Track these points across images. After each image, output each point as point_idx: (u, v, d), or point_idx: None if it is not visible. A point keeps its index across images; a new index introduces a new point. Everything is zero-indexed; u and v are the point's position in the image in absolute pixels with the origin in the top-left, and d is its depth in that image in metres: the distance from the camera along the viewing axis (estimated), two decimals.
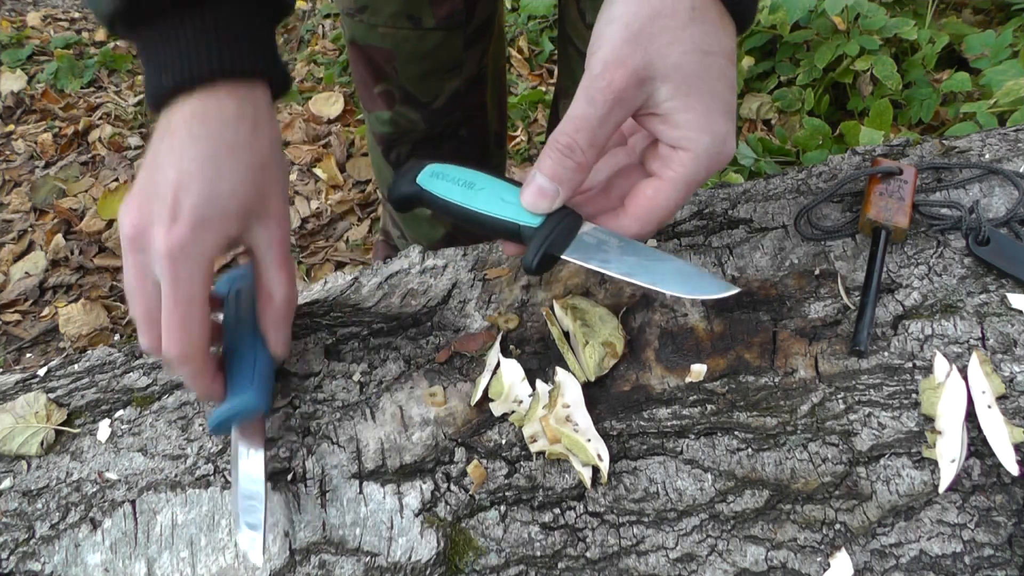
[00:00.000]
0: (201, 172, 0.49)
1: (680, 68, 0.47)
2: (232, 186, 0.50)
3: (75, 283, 1.92)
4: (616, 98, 0.47)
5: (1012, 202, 0.63)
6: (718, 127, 0.47)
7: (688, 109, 0.47)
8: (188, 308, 0.49)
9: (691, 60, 0.47)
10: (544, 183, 0.50)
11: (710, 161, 0.48)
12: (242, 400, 0.53)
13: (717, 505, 0.51)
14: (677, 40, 0.47)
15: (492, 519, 0.52)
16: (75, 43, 2.93)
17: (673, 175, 0.48)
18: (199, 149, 0.49)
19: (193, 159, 0.49)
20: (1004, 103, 1.38)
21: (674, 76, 0.47)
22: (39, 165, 2.33)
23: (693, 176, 0.48)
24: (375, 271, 0.71)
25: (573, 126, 0.48)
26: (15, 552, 0.55)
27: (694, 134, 0.47)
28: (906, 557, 0.49)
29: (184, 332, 0.49)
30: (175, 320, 0.49)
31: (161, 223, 0.48)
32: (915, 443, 0.51)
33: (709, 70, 0.47)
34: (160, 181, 0.49)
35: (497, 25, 1.07)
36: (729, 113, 0.48)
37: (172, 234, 0.48)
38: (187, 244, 0.48)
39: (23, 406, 0.60)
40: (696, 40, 0.47)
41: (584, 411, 0.55)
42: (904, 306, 0.58)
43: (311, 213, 2.04)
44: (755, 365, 0.56)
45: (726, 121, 0.48)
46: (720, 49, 0.48)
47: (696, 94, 0.47)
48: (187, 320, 0.49)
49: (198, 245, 0.48)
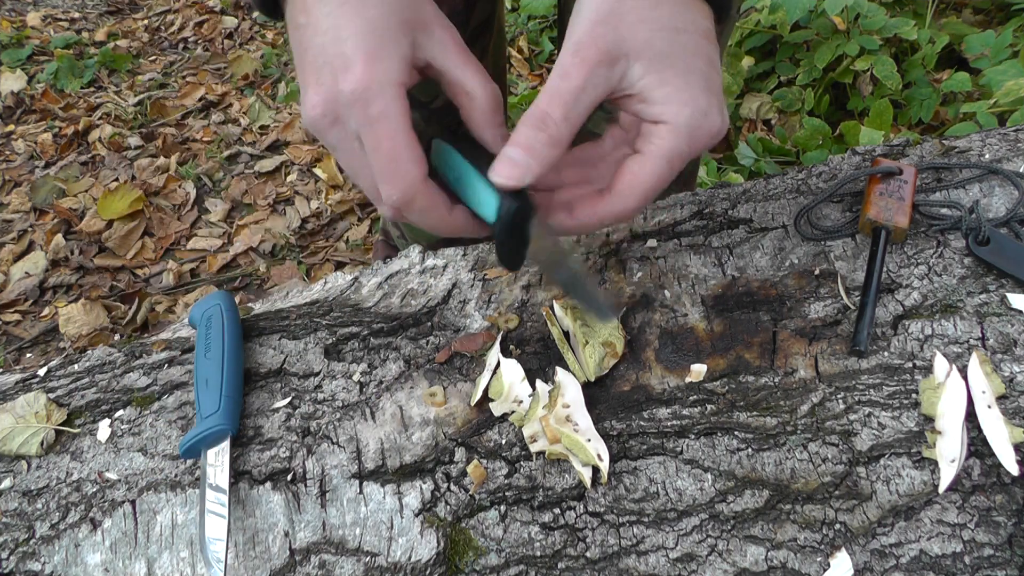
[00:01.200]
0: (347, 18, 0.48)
1: (651, 45, 0.47)
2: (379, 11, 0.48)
3: (75, 283, 1.92)
4: (589, 72, 0.47)
5: (1012, 202, 0.63)
6: (697, 99, 0.47)
7: (663, 84, 0.47)
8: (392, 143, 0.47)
9: (662, 37, 0.47)
10: (516, 154, 0.48)
11: (692, 133, 0.47)
12: (209, 422, 0.55)
13: (717, 505, 0.51)
14: (646, 19, 0.47)
15: (492, 519, 0.52)
16: (75, 43, 2.93)
17: (654, 148, 0.48)
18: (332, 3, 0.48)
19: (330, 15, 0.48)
20: (1004, 103, 1.38)
21: (646, 53, 0.47)
22: (39, 165, 2.33)
23: (675, 149, 0.47)
24: (375, 271, 0.71)
25: (546, 99, 0.48)
26: (15, 552, 0.55)
27: (672, 107, 0.47)
28: (906, 557, 0.49)
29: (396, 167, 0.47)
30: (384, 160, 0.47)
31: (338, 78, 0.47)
32: (915, 443, 0.51)
33: (684, 46, 0.48)
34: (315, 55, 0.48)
35: (497, 24, 1.07)
36: (710, 87, 0.48)
37: (349, 79, 0.46)
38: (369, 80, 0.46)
39: (23, 406, 0.60)
40: (665, 19, 0.48)
41: (584, 411, 0.55)
42: (904, 306, 0.58)
43: (311, 213, 2.04)
44: (755, 365, 0.56)
45: (706, 94, 0.47)
46: (694, 28, 0.48)
47: (671, 69, 0.47)
48: (394, 155, 0.47)
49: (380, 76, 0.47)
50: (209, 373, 0.58)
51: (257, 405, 0.60)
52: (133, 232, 2.04)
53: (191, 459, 0.56)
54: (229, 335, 0.61)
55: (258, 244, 1.96)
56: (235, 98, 2.57)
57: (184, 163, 2.27)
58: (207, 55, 2.86)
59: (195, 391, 0.58)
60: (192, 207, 2.13)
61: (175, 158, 2.28)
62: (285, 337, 0.64)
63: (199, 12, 3.10)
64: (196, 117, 2.51)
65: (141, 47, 2.96)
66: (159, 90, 2.68)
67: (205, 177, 2.22)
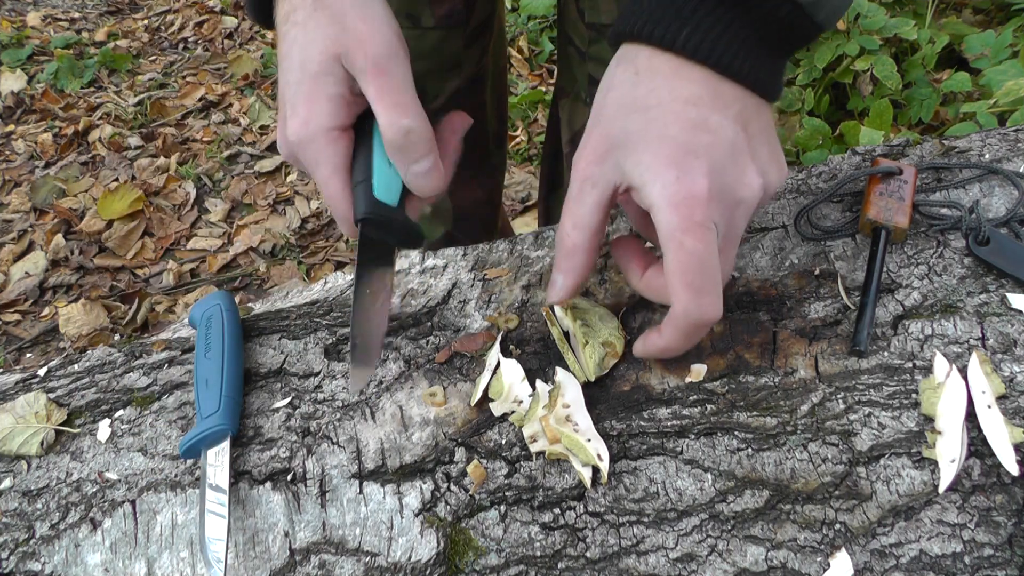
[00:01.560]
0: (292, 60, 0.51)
1: (627, 131, 0.47)
2: (312, 50, 0.50)
3: (75, 283, 1.93)
4: (583, 177, 0.48)
5: (1012, 202, 0.63)
6: (667, 170, 0.45)
7: (638, 165, 0.46)
8: (326, 189, 0.51)
9: (635, 120, 0.47)
10: (554, 275, 0.51)
11: (675, 204, 0.44)
12: (209, 422, 0.55)
13: (717, 505, 0.51)
14: (622, 107, 0.48)
15: (492, 519, 0.52)
16: (75, 43, 2.93)
17: (660, 236, 0.46)
18: (288, 42, 0.52)
19: (286, 56, 0.51)
20: (1004, 103, 1.38)
21: (625, 141, 0.47)
22: (39, 165, 2.33)
23: (671, 225, 0.45)
24: None
25: (562, 214, 0.50)
26: (15, 552, 0.55)
27: (648, 187, 0.45)
28: (906, 557, 0.49)
29: (335, 208, 0.52)
30: (327, 199, 0.52)
31: (286, 125, 0.51)
32: (915, 443, 0.51)
33: (655, 121, 0.46)
34: (280, 93, 0.53)
35: (497, 24, 1.07)
36: (686, 151, 0.45)
37: (291, 127, 0.50)
38: (303, 130, 0.50)
39: (23, 406, 0.60)
40: (640, 100, 0.47)
41: (584, 411, 0.55)
42: (904, 306, 0.58)
43: (311, 213, 2.04)
44: (755, 365, 0.56)
45: (679, 160, 0.45)
46: (672, 98, 0.46)
47: (645, 149, 0.46)
48: (331, 199, 0.51)
49: (312, 124, 0.50)
50: (209, 373, 0.58)
51: (257, 405, 0.60)
52: (133, 232, 2.04)
53: (191, 459, 0.56)
54: (229, 335, 0.61)
55: (258, 244, 1.97)
56: (235, 98, 2.57)
57: (184, 163, 2.27)
58: (207, 55, 2.86)
59: (195, 391, 0.58)
60: (192, 207, 2.13)
61: (175, 158, 2.29)
62: (285, 337, 0.64)
63: (199, 12, 3.10)
64: (196, 117, 2.51)
65: (141, 47, 2.96)
66: (159, 90, 2.68)
67: (205, 177, 2.22)
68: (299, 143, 0.50)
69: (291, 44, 0.51)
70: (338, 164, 0.50)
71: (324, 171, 0.50)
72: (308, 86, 0.50)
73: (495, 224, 1.33)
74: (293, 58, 0.51)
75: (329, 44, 0.50)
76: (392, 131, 0.49)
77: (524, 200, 1.98)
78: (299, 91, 0.50)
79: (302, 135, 0.50)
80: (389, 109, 0.48)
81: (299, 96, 0.50)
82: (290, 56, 0.51)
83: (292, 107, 0.50)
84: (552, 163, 1.17)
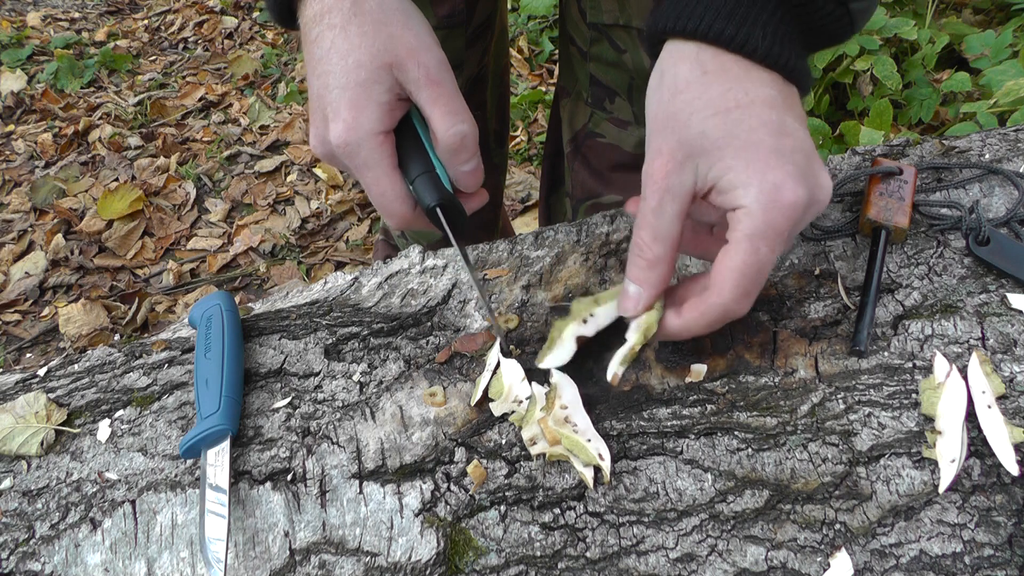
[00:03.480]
0: (332, 65, 0.52)
1: (707, 135, 0.47)
2: (360, 57, 0.52)
3: (75, 283, 1.93)
4: (663, 188, 0.48)
5: (1012, 202, 0.63)
6: (764, 175, 0.45)
7: (728, 170, 0.46)
8: (378, 188, 0.53)
9: (715, 123, 0.47)
10: (628, 287, 0.51)
11: (768, 211, 0.45)
12: (209, 422, 0.55)
13: (717, 505, 0.51)
14: (698, 110, 0.47)
15: (492, 519, 0.52)
16: (75, 43, 2.93)
17: (737, 235, 0.46)
18: (322, 47, 0.52)
19: (321, 59, 0.52)
20: (1004, 103, 1.38)
21: (706, 145, 0.47)
22: (39, 165, 2.33)
23: (756, 230, 0.46)
24: (375, 271, 0.71)
25: (637, 224, 0.50)
26: (15, 552, 0.55)
27: (740, 190, 0.46)
28: (906, 557, 0.49)
29: (386, 207, 0.54)
30: (376, 200, 0.54)
31: (326, 129, 0.52)
32: (915, 443, 0.51)
33: (740, 123, 0.46)
34: (315, 96, 0.53)
35: (499, 23, 1.07)
36: (778, 156, 0.46)
37: (334, 130, 0.51)
38: (350, 134, 0.51)
39: (23, 406, 0.60)
40: (717, 101, 0.47)
41: (582, 411, 0.55)
42: (904, 306, 0.58)
43: (311, 213, 2.04)
44: (755, 365, 0.56)
45: (774, 166, 0.45)
46: (748, 100, 0.47)
47: (732, 152, 0.46)
48: (383, 198, 0.54)
49: (361, 129, 0.51)
50: (209, 373, 0.58)
51: (257, 405, 0.60)
52: (133, 232, 2.04)
53: (191, 459, 0.56)
54: (229, 335, 0.61)
55: (258, 244, 1.97)
56: (235, 98, 2.57)
57: (184, 163, 2.28)
58: (207, 55, 2.86)
59: (195, 391, 0.58)
60: (192, 207, 2.13)
61: (175, 158, 2.29)
62: (285, 337, 0.64)
63: (199, 12, 3.11)
64: (196, 117, 2.51)
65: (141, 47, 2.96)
66: (159, 90, 2.68)
67: (205, 177, 2.22)
68: (345, 145, 0.52)
69: (328, 48, 0.52)
70: (390, 164, 0.53)
71: (376, 171, 0.53)
72: (354, 92, 0.51)
73: (495, 224, 1.33)
74: (332, 62, 0.52)
75: (378, 53, 0.52)
76: (448, 136, 0.53)
77: (524, 200, 1.98)
78: (343, 96, 0.51)
79: (349, 139, 0.51)
80: (445, 116, 0.53)
81: (343, 101, 0.51)
82: (328, 60, 0.52)
83: (334, 111, 0.52)
84: (553, 163, 1.17)
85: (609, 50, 0.93)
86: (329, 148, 0.53)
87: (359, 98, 0.51)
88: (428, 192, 0.54)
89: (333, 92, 0.51)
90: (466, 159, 0.55)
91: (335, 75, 0.51)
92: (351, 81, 0.51)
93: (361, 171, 0.53)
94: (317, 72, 0.53)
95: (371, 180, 0.53)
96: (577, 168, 1.07)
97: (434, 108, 0.53)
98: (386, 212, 0.55)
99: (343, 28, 0.52)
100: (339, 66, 0.51)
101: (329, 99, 0.52)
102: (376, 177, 0.53)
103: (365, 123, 0.51)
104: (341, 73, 0.51)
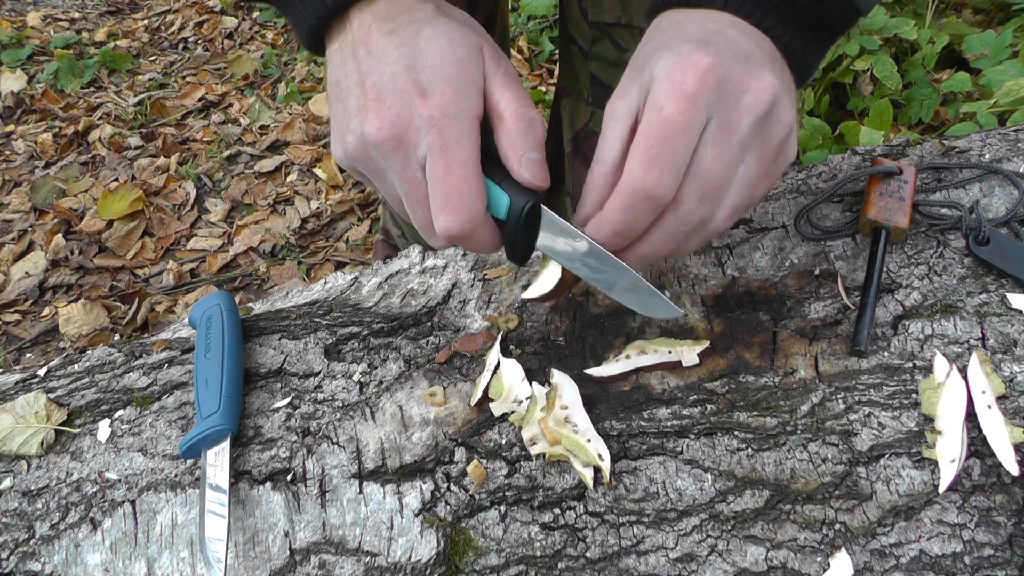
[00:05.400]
0: (420, 48, 0.48)
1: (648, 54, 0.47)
2: (455, 38, 0.49)
3: (75, 283, 1.93)
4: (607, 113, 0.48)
5: (1012, 202, 0.63)
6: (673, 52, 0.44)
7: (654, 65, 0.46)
8: (463, 171, 0.46)
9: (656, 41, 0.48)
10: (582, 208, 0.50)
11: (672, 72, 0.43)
12: (209, 422, 0.55)
13: (717, 505, 0.51)
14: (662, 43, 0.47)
15: (492, 519, 0.52)
16: (75, 43, 2.93)
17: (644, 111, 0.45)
18: (403, 36, 0.49)
19: (401, 45, 0.48)
20: (1004, 103, 1.38)
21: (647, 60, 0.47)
22: (39, 165, 2.33)
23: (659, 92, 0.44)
24: (375, 271, 0.71)
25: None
26: (15, 552, 0.55)
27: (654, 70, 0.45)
28: (906, 557, 0.49)
29: (461, 199, 0.46)
30: (449, 189, 0.46)
31: (413, 103, 0.46)
32: (915, 443, 0.51)
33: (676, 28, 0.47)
34: (380, 80, 0.48)
35: (499, 23, 1.07)
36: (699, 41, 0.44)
37: (429, 104, 0.46)
38: (449, 107, 0.46)
39: (23, 406, 0.60)
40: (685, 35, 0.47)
41: (583, 412, 0.55)
42: (904, 306, 0.58)
43: (311, 213, 2.04)
44: (755, 365, 0.56)
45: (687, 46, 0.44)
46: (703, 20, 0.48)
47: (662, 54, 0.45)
48: (462, 186, 0.46)
49: (460, 104, 0.47)
50: (209, 373, 0.58)
51: (257, 405, 0.60)
52: (133, 232, 2.04)
53: (191, 459, 0.56)
54: (229, 335, 0.61)
55: (258, 244, 1.96)
56: (235, 98, 2.57)
57: (184, 163, 2.28)
58: (207, 55, 2.86)
59: (195, 391, 0.58)
60: (192, 207, 2.13)
61: (175, 158, 2.29)
62: (285, 337, 0.64)
63: (199, 12, 3.10)
64: (196, 117, 2.51)
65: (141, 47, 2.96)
66: (159, 90, 2.68)
67: (205, 177, 2.22)
68: (442, 117, 0.46)
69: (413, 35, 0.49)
70: (478, 152, 0.48)
71: (465, 152, 0.46)
72: (453, 69, 0.47)
73: None
74: (420, 46, 0.48)
75: (471, 35, 0.49)
76: (518, 116, 0.49)
77: None
78: (437, 74, 0.47)
79: (448, 111, 0.46)
80: (517, 98, 0.49)
81: (437, 78, 0.47)
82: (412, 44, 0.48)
83: (421, 89, 0.47)
84: (553, 162, 1.17)
85: (611, 49, 0.93)
86: (403, 129, 0.47)
87: (460, 76, 0.48)
88: (517, 193, 0.48)
89: (423, 72, 0.47)
90: (534, 144, 0.49)
91: (426, 55, 0.48)
92: (448, 58, 0.48)
93: (446, 151, 0.46)
94: (390, 59, 0.48)
95: (456, 162, 0.46)
96: (578, 167, 1.07)
97: (506, 92, 0.49)
98: (454, 205, 0.46)
99: (431, 22, 0.49)
100: (432, 46, 0.48)
101: (414, 78, 0.47)
102: (462, 160, 0.46)
103: (464, 101, 0.47)
104: (435, 52, 0.48)
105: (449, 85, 0.47)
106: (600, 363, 0.58)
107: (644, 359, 0.57)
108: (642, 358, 0.57)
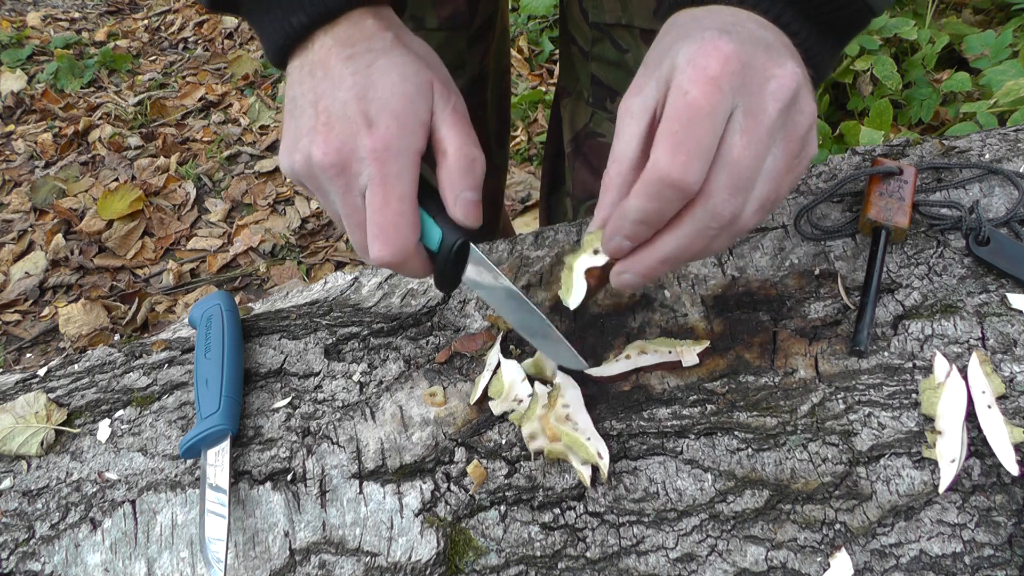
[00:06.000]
0: (373, 79, 0.49)
1: (664, 49, 0.47)
2: (406, 72, 0.50)
3: (75, 283, 1.93)
4: (623, 110, 0.47)
5: (1012, 202, 0.63)
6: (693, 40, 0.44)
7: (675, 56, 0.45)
8: (399, 206, 0.48)
9: (672, 35, 0.47)
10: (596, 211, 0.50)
11: (695, 58, 0.43)
12: (209, 422, 0.55)
13: (717, 505, 0.51)
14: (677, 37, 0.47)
15: (492, 519, 0.52)
16: (75, 43, 2.93)
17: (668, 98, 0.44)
18: (359, 63, 0.50)
19: (356, 73, 0.50)
20: (1004, 103, 1.38)
21: (663, 55, 0.46)
22: (39, 165, 2.33)
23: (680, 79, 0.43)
24: (375, 271, 0.71)
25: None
26: (15, 552, 0.55)
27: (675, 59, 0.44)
28: (906, 557, 0.49)
29: (395, 231, 0.48)
30: (385, 221, 0.48)
31: (359, 134, 0.48)
32: (915, 443, 0.51)
33: (694, 22, 0.47)
34: (332, 106, 0.49)
35: (500, 23, 1.07)
36: (718, 30, 0.44)
37: (376, 135, 0.48)
38: (391, 142, 0.48)
39: (23, 406, 0.60)
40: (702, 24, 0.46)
41: (583, 411, 0.55)
42: (904, 306, 0.58)
43: (311, 213, 2.04)
44: (755, 365, 0.56)
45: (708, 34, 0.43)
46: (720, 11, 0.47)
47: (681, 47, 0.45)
48: (397, 219, 0.48)
49: (403, 140, 0.48)
50: (209, 373, 0.58)
51: (257, 405, 0.60)
52: (133, 232, 2.04)
53: (191, 459, 0.56)
54: (229, 335, 0.61)
55: (258, 244, 1.97)
56: (235, 98, 2.58)
57: (184, 163, 2.28)
58: (207, 55, 2.86)
59: (195, 391, 0.58)
60: (192, 207, 2.13)
61: (175, 158, 2.29)
62: (285, 337, 0.64)
63: (199, 12, 3.11)
64: (196, 117, 2.52)
65: (141, 47, 2.96)
66: (159, 90, 2.68)
67: (205, 177, 2.22)
68: (379, 153, 0.48)
69: (367, 64, 0.50)
70: (415, 188, 0.50)
71: (403, 187, 0.49)
72: (400, 103, 0.49)
73: (496, 224, 1.33)
74: (373, 77, 0.50)
75: (422, 71, 0.51)
76: (460, 155, 0.50)
77: (524, 200, 1.98)
78: (385, 106, 0.49)
79: (391, 146, 0.48)
80: (462, 136, 0.51)
81: (384, 111, 0.49)
82: (365, 73, 0.50)
83: (368, 120, 0.49)
84: (553, 163, 1.17)
85: (611, 50, 0.93)
86: (348, 156, 0.49)
87: (406, 112, 0.49)
88: (451, 229, 0.51)
89: (373, 104, 0.49)
90: (472, 185, 0.51)
91: (377, 87, 0.50)
92: (398, 92, 0.49)
93: (385, 185, 0.49)
94: (345, 85, 0.50)
95: (393, 196, 0.49)
96: (578, 168, 1.07)
97: (451, 129, 0.51)
98: (388, 237, 0.49)
99: (387, 52, 0.51)
100: (384, 79, 0.50)
101: (363, 108, 0.49)
102: (399, 195, 0.49)
103: (408, 137, 0.49)
104: (386, 85, 0.50)
105: (395, 120, 0.48)
106: (600, 363, 0.58)
107: (644, 359, 0.57)
108: (642, 358, 0.57)
